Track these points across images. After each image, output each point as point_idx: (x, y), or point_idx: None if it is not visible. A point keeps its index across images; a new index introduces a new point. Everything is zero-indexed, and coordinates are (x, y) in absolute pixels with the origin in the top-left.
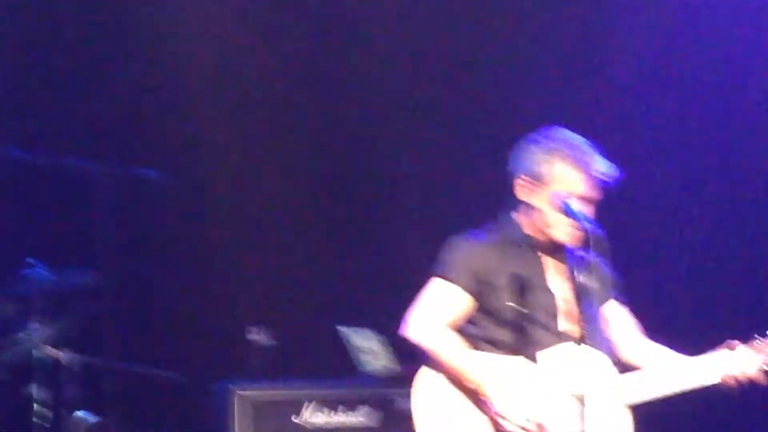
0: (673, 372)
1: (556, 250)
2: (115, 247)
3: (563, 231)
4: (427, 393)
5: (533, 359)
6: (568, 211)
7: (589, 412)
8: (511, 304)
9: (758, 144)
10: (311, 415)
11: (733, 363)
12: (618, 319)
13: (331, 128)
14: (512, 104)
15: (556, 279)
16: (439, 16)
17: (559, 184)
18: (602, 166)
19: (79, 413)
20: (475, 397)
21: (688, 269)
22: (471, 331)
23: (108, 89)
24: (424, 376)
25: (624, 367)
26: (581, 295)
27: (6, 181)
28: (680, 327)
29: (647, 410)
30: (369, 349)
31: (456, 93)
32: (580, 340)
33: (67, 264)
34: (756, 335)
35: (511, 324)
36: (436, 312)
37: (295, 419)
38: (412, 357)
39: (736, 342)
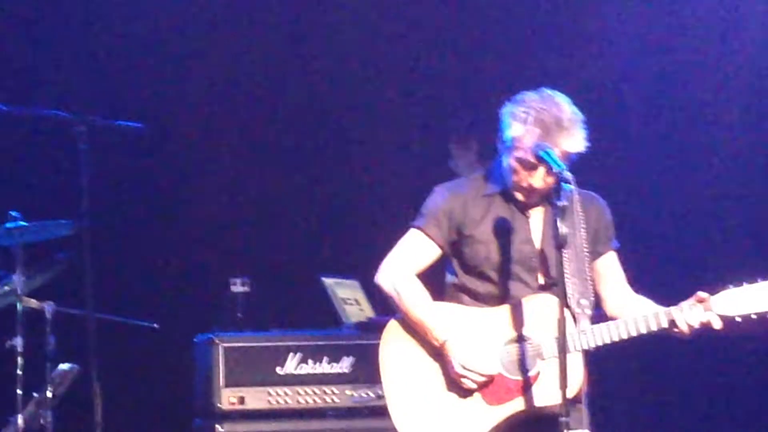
0: (624, 319)
1: (538, 202)
2: (99, 199)
3: (522, 193)
4: (393, 345)
5: (509, 311)
6: (544, 159)
7: (546, 359)
8: (487, 255)
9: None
10: (296, 366)
11: (690, 313)
12: (606, 272)
13: (313, 81)
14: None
15: (538, 231)
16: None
17: (518, 151)
18: (572, 145)
19: (63, 365)
20: (438, 353)
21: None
22: (451, 279)
23: (87, 39)
24: (392, 327)
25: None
26: (557, 245)
27: None
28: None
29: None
30: (353, 299)
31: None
32: (557, 292)
33: (49, 216)
34: (729, 285)
35: (487, 275)
36: (408, 263)
37: (279, 370)
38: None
39: (705, 295)
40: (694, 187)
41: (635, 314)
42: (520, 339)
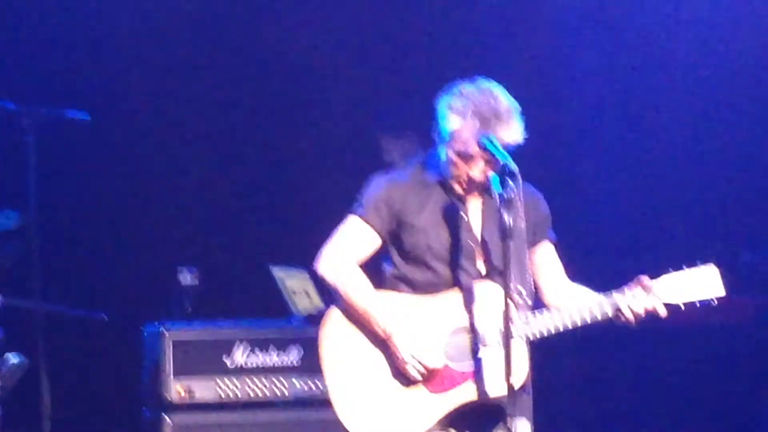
0: (569, 307)
1: (477, 190)
2: (44, 188)
3: (460, 185)
4: (334, 334)
5: (453, 299)
6: (489, 149)
7: (488, 348)
8: (427, 244)
9: None
10: (242, 356)
11: (633, 300)
12: (544, 263)
13: (259, 73)
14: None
15: (477, 220)
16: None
17: (457, 143)
18: (510, 136)
19: (9, 355)
20: (382, 342)
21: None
22: (389, 270)
23: (31, 30)
24: (333, 316)
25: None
26: (502, 235)
27: None
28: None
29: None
30: (302, 290)
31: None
32: (494, 281)
33: None
34: (670, 269)
35: (427, 264)
36: (349, 251)
37: (227, 361)
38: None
39: (647, 280)
40: (635, 175)
41: (579, 304)
42: (465, 328)
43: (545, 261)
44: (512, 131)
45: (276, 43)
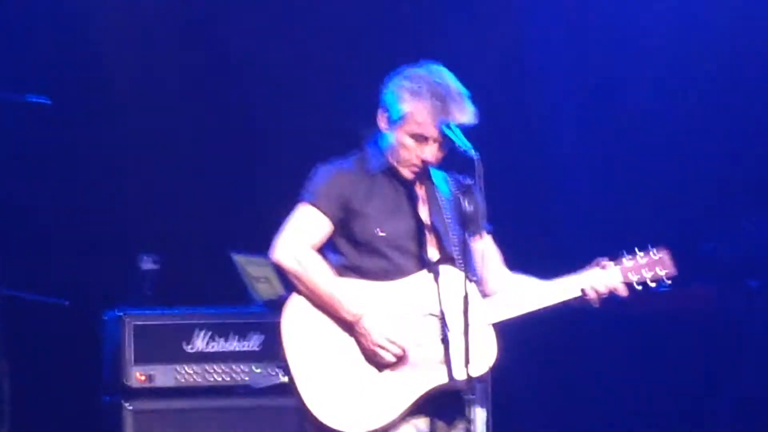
0: (534, 290)
1: (425, 177)
2: (3, 173)
3: (410, 169)
4: (298, 321)
5: (400, 286)
6: (449, 136)
7: (453, 333)
8: (378, 231)
9: None
10: (203, 342)
11: (595, 279)
12: (483, 253)
13: (219, 60)
14: None
15: (427, 207)
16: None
17: (411, 125)
18: (466, 116)
19: None
20: (348, 327)
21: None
22: (337, 260)
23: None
24: (295, 302)
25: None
26: (452, 221)
27: None
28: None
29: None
30: (264, 277)
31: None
32: (449, 266)
33: None
34: (624, 252)
35: (379, 252)
36: (302, 237)
37: (187, 347)
38: None
39: (604, 259)
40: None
41: (544, 286)
42: (430, 313)
43: (486, 252)
44: (466, 112)
45: (237, 35)
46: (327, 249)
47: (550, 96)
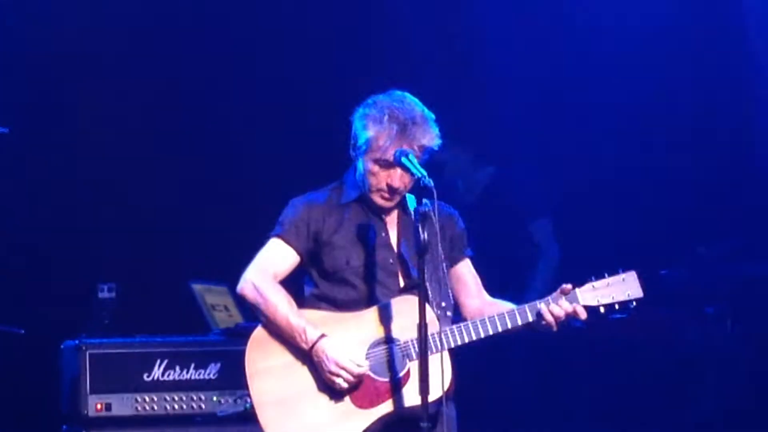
0: (494, 315)
1: (396, 208)
2: None
3: (380, 195)
4: (259, 351)
5: (374, 313)
6: (405, 165)
7: (415, 360)
8: (346, 262)
9: None
10: (162, 372)
11: (553, 304)
12: (464, 280)
13: (186, 89)
14: None
15: (396, 236)
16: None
17: (375, 151)
18: (428, 139)
19: None
20: (306, 356)
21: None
22: (309, 291)
23: None
24: (257, 334)
25: None
26: (418, 250)
27: None
28: None
29: None
30: (222, 306)
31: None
32: (418, 296)
33: None
34: (592, 277)
35: (347, 282)
36: (270, 272)
37: (146, 376)
38: None
39: (569, 285)
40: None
41: (501, 311)
42: (388, 340)
43: (464, 277)
44: (430, 134)
45: (198, 61)
46: (303, 280)
47: (510, 119)
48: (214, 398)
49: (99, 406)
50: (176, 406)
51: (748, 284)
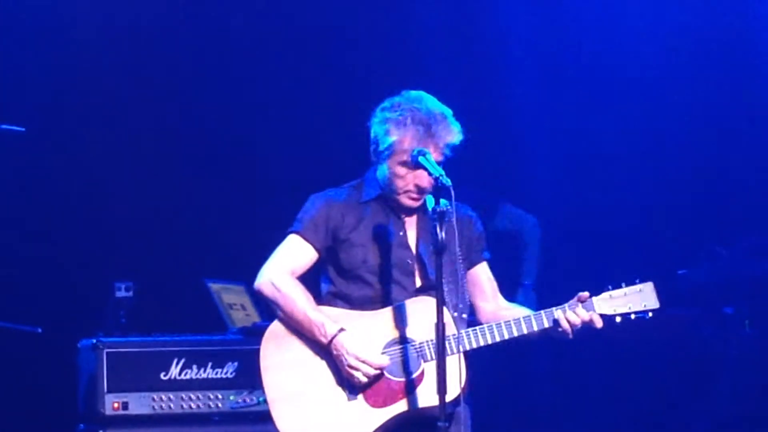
0: (510, 319)
1: (415, 208)
2: None
3: (408, 197)
4: (275, 346)
5: (391, 313)
6: (423, 165)
7: (429, 361)
8: (364, 260)
9: None
10: (179, 371)
11: (570, 311)
12: (480, 283)
13: (203, 86)
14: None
15: (415, 236)
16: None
17: (400, 154)
18: (452, 136)
19: None
20: (324, 351)
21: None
22: (326, 288)
23: None
24: (274, 328)
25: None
26: (435, 249)
27: None
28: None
29: None
30: (239, 305)
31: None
32: (432, 295)
33: None
34: (609, 286)
35: (364, 280)
36: (287, 267)
37: (163, 375)
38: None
39: (586, 293)
40: (583, 189)
41: (517, 316)
42: (403, 340)
43: (480, 280)
44: (452, 131)
45: (215, 58)
46: (320, 276)
47: (526, 125)
48: (231, 397)
49: (116, 405)
50: (193, 405)
51: (766, 284)
